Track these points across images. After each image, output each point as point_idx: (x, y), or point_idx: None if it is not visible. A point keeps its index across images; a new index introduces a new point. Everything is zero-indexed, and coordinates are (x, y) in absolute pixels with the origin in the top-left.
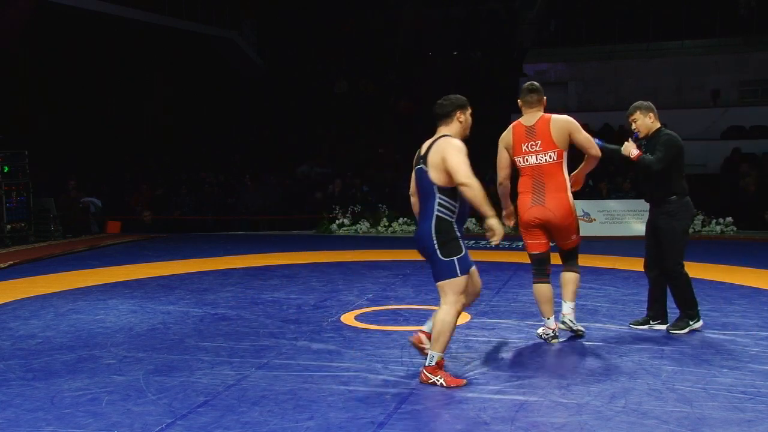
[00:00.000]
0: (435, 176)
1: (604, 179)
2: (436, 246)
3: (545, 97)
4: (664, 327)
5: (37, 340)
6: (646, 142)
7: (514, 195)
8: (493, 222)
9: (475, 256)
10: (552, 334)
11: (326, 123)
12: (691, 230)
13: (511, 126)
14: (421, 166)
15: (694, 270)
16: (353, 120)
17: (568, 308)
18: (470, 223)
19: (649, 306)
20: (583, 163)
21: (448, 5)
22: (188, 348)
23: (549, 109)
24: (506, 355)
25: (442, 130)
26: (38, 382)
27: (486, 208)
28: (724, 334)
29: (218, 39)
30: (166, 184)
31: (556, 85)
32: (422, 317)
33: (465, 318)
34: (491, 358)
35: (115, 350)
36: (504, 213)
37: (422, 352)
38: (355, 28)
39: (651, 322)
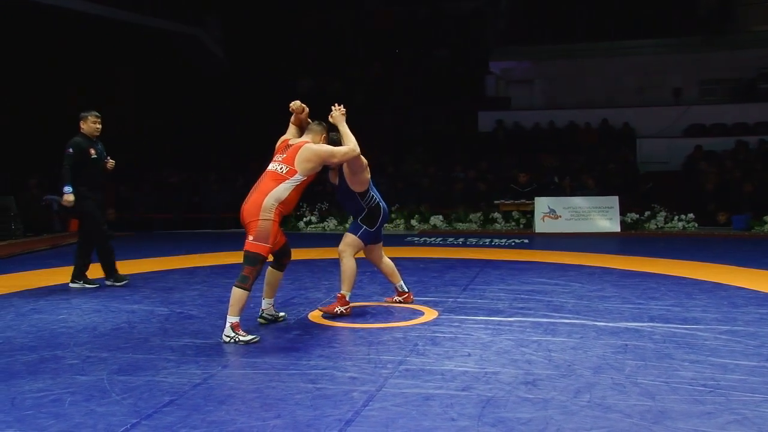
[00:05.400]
0: None
1: (566, 176)
2: None
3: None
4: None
5: None
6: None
7: None
8: None
9: (442, 252)
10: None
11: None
12: (654, 226)
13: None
14: None
15: (659, 266)
16: (317, 118)
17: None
18: (438, 221)
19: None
20: None
21: (413, 3)
22: (153, 347)
23: (515, 106)
24: (472, 351)
25: None
26: None
27: None
28: (686, 329)
29: (182, 36)
30: (130, 182)
31: (522, 83)
32: (390, 314)
33: (432, 314)
34: (458, 355)
35: (79, 350)
36: None
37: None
38: (319, 25)
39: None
